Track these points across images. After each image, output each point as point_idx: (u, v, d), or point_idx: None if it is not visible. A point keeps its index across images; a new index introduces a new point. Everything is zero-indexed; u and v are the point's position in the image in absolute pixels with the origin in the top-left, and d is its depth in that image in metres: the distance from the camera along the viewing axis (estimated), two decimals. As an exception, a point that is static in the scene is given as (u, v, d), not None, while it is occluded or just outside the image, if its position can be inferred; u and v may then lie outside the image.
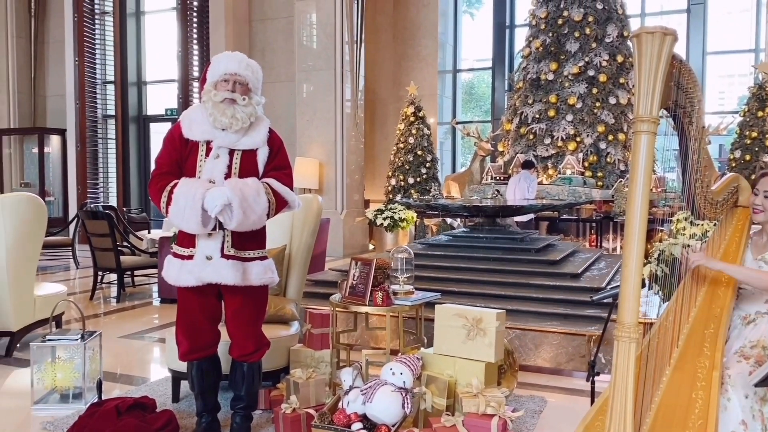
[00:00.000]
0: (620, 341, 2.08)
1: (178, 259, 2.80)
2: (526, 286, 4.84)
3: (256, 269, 2.80)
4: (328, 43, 10.27)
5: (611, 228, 8.69)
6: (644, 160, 2.09)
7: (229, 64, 2.75)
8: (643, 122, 2.07)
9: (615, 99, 9.95)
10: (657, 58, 2.05)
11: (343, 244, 10.10)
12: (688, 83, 2.21)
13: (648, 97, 2.07)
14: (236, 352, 2.89)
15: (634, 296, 2.08)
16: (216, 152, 2.72)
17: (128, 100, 12.50)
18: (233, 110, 2.69)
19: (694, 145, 2.29)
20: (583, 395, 3.66)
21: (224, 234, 2.72)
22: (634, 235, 2.09)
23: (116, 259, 6.37)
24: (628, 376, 2.08)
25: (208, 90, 2.75)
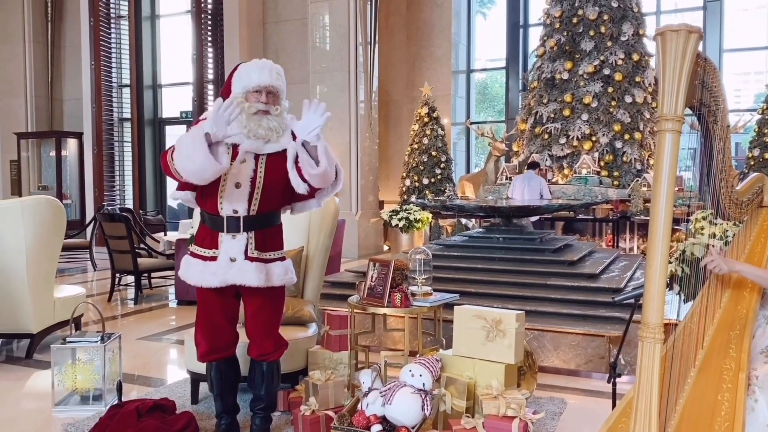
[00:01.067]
0: (645, 342, 2.06)
1: (198, 260, 2.81)
2: (544, 287, 4.81)
3: (278, 270, 2.82)
4: (341, 45, 10.29)
5: (628, 227, 8.61)
6: (669, 159, 2.05)
7: (262, 76, 2.73)
8: (668, 121, 2.03)
9: (631, 98, 9.87)
10: (682, 56, 2.02)
11: (357, 245, 10.11)
12: (712, 82, 2.18)
13: (672, 96, 2.04)
14: (255, 351, 2.90)
15: (659, 297, 2.05)
16: (242, 156, 2.74)
17: (144, 103, 12.60)
18: (268, 122, 2.71)
19: (719, 144, 2.26)
20: (603, 397, 3.63)
21: (248, 236, 2.75)
22: (659, 235, 2.05)
23: (134, 261, 6.41)
24: (653, 378, 2.05)
25: (239, 100, 2.70)
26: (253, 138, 2.70)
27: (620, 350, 2.88)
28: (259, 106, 2.70)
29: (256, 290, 2.78)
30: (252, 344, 2.90)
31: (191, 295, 6.31)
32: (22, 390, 3.84)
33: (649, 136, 10.01)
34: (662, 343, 2.06)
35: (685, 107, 2.10)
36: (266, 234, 2.80)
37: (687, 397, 2.18)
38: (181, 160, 2.59)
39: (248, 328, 2.90)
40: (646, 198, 8.74)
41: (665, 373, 2.17)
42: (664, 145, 2.05)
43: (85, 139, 12.40)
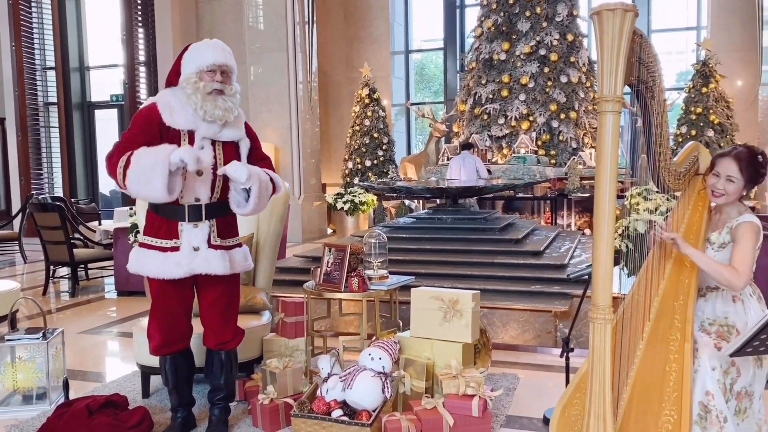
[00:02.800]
0: (596, 323, 2.10)
1: (155, 251, 2.70)
2: (491, 265, 4.90)
3: (238, 257, 2.81)
4: (278, 24, 10.09)
5: (565, 205, 8.86)
6: (610, 140, 2.05)
7: (216, 54, 2.67)
8: (608, 102, 2.03)
9: (566, 78, 10.10)
10: (619, 35, 2.00)
11: (301, 229, 10.03)
12: (648, 58, 2.19)
13: (612, 76, 2.03)
14: (213, 341, 2.84)
15: (606, 277, 2.07)
16: (200, 143, 2.66)
17: (71, 86, 12.02)
18: (224, 101, 2.66)
19: (656, 119, 2.29)
20: (554, 371, 3.75)
21: (210, 224, 2.70)
22: (604, 216, 2.06)
23: (69, 252, 6.15)
24: (605, 357, 2.11)
25: (192, 80, 2.64)
26: (209, 120, 2.65)
27: (573, 326, 2.98)
28: (215, 85, 2.64)
29: (215, 279, 2.74)
30: (209, 334, 2.84)
31: (132, 286, 6.12)
32: (-43, 392, 3.64)
33: (584, 116, 10.29)
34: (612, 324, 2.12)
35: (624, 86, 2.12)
36: (226, 221, 2.79)
37: (637, 369, 2.26)
38: (137, 181, 2.50)
39: (205, 318, 2.84)
40: (582, 176, 9.01)
41: (615, 346, 2.24)
42: (605, 126, 2.05)
43: (8, 124, 11.75)
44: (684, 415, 2.05)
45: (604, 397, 2.09)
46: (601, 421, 2.07)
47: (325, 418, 2.77)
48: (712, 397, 2.11)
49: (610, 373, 2.11)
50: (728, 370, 2.15)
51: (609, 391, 2.09)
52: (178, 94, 2.69)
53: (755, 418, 2.22)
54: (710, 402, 2.10)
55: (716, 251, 2.29)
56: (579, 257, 5.39)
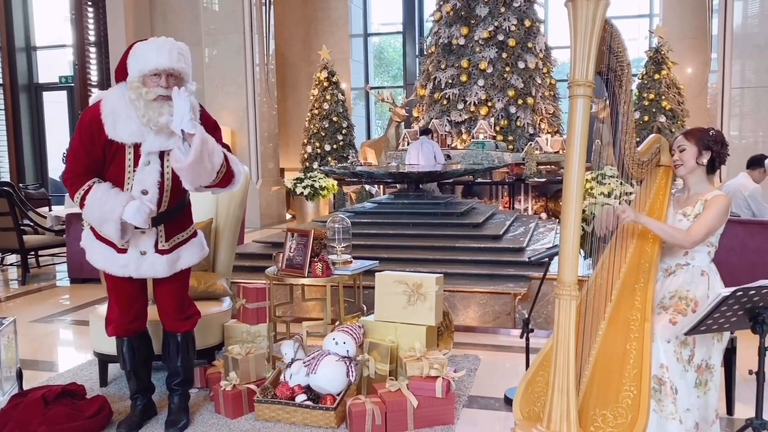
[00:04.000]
0: (561, 299, 2.16)
1: (104, 244, 2.63)
2: (452, 249, 4.95)
3: (188, 252, 2.73)
4: (234, 5, 9.88)
5: (523, 189, 8.99)
6: (581, 124, 2.12)
7: (160, 57, 2.43)
8: (579, 86, 2.10)
9: (524, 63, 10.20)
10: (592, 22, 2.08)
11: (260, 214, 9.92)
12: (618, 47, 2.28)
13: (584, 62, 2.10)
14: (169, 323, 2.79)
15: (573, 256, 2.16)
16: (146, 159, 2.52)
17: (17, 67, 11.54)
18: (169, 109, 2.43)
19: (623, 107, 2.37)
20: (513, 351, 3.82)
21: (157, 230, 2.63)
22: (572, 198, 2.13)
23: (19, 238, 5.95)
24: (570, 332, 2.17)
25: (135, 85, 2.45)
26: (153, 128, 2.45)
27: (533, 307, 3.03)
28: (159, 91, 2.43)
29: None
30: (164, 317, 2.80)
31: (86, 273, 5.96)
32: None
33: (540, 102, 10.42)
34: (577, 300, 2.18)
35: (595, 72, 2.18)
36: (175, 221, 2.70)
37: (599, 347, 2.32)
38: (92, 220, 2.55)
39: (159, 304, 2.80)
40: (539, 161, 9.15)
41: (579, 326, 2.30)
42: (576, 110, 2.12)
43: (-50, 106, 11.25)
44: (643, 391, 2.12)
45: (568, 372, 2.14)
46: (565, 394, 2.12)
47: (289, 403, 2.76)
48: (666, 369, 2.18)
49: (574, 348, 2.16)
50: (686, 341, 2.23)
51: (573, 366, 2.15)
52: (125, 96, 2.50)
53: (717, 390, 2.31)
54: (664, 374, 2.17)
55: (691, 222, 2.39)
56: (536, 240, 5.48)
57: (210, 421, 2.84)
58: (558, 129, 10.70)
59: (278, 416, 2.77)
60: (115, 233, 2.49)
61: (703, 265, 2.41)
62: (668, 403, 2.15)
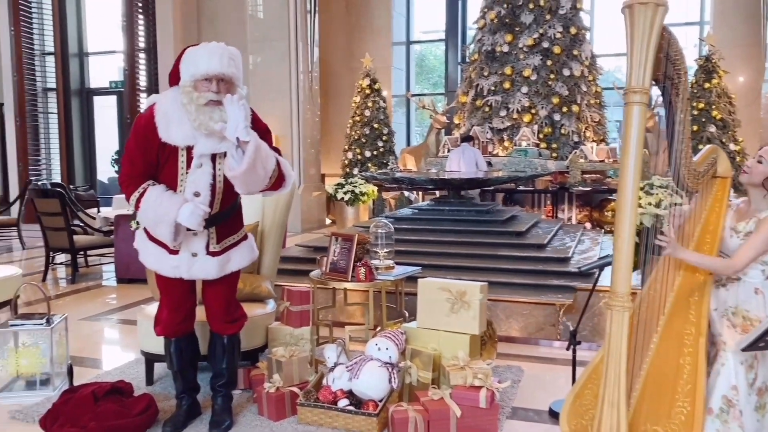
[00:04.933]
0: (614, 310, 2.13)
1: (157, 246, 2.68)
2: (494, 258, 4.90)
3: (238, 254, 2.76)
4: (281, 13, 10.01)
5: (566, 198, 8.86)
6: (636, 131, 2.09)
7: (211, 63, 2.46)
8: (635, 93, 2.08)
9: (569, 71, 10.07)
10: (649, 28, 2.06)
11: (300, 219, 10.00)
12: (676, 55, 2.22)
13: (640, 68, 2.08)
14: (216, 324, 2.83)
15: (626, 267, 2.12)
16: (198, 161, 2.55)
17: (70, 72, 11.91)
18: (221, 113, 2.45)
19: (680, 116, 2.31)
20: (558, 363, 3.74)
21: (209, 232, 2.66)
22: (627, 207, 2.11)
23: (69, 238, 6.12)
24: (622, 344, 2.13)
25: (187, 90, 2.49)
26: (204, 132, 2.49)
27: (581, 319, 2.96)
28: (209, 96, 2.46)
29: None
30: (212, 318, 2.83)
31: (132, 274, 6.09)
32: (-42, 377, 3.61)
33: (586, 109, 10.26)
34: (629, 311, 2.13)
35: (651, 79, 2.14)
36: (226, 225, 2.74)
37: (651, 361, 2.26)
38: (146, 223, 2.61)
39: (207, 305, 2.83)
40: (583, 170, 9.00)
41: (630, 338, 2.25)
42: (631, 116, 2.09)
43: (6, 110, 11.64)
44: (697, 408, 2.06)
45: (619, 384, 2.10)
46: (615, 408, 2.08)
47: (331, 407, 2.76)
48: (737, 391, 2.12)
49: (625, 361, 2.12)
50: (752, 364, 2.16)
51: (624, 379, 2.10)
52: (178, 100, 2.54)
53: None
54: (735, 396, 2.10)
55: (741, 240, 2.30)
56: (581, 251, 5.39)
57: (253, 422, 2.86)
58: (603, 137, 10.52)
59: (320, 420, 2.78)
60: (169, 235, 2.54)
61: (756, 281, 2.30)
62: (735, 426, 2.08)
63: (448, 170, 8.75)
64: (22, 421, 2.91)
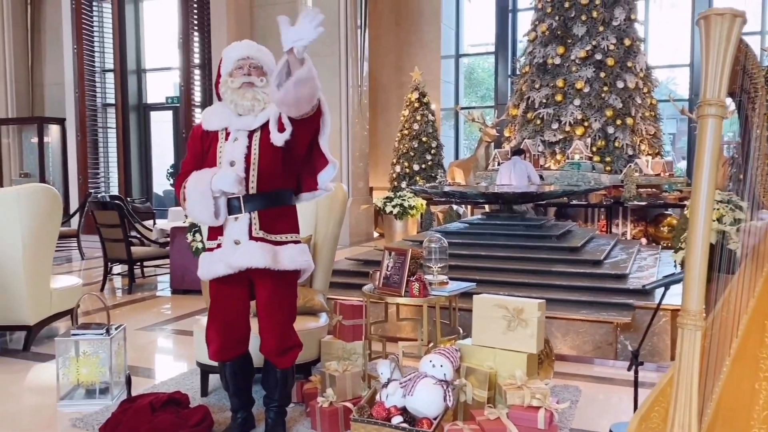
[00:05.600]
0: (686, 329, 2.05)
1: (208, 252, 2.73)
2: (549, 274, 4.79)
3: (288, 252, 2.67)
4: (331, 29, 10.12)
5: (621, 213, 8.64)
6: (711, 145, 2.00)
7: (240, 49, 2.75)
8: (711, 105, 2.00)
9: (623, 83, 9.86)
10: (726, 40, 1.98)
11: (349, 232, 10.03)
12: (753, 68, 2.14)
13: (716, 81, 2.00)
14: (265, 349, 2.77)
15: (700, 283, 2.04)
16: (234, 135, 2.69)
17: (128, 88, 12.32)
18: (253, 92, 2.68)
19: (756, 132, 2.22)
20: (616, 384, 3.62)
21: (251, 216, 2.64)
22: (699, 223, 2.04)
23: (127, 249, 6.28)
24: (693, 365, 2.04)
25: (225, 80, 2.74)
26: (239, 112, 2.68)
27: (644, 338, 2.85)
28: (243, 79, 2.69)
29: (266, 277, 2.64)
30: (263, 341, 2.76)
31: (187, 284, 6.21)
32: (23, 384, 3.73)
33: (640, 122, 10.02)
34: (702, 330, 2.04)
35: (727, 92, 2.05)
36: (272, 214, 2.67)
37: (723, 385, 2.15)
38: (191, 213, 2.70)
39: (259, 323, 2.76)
40: (639, 184, 8.76)
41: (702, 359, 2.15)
42: (705, 130, 2.00)
43: (68, 125, 12.11)
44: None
45: (691, 407, 2.00)
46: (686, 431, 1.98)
47: (385, 423, 2.72)
48: None
49: (697, 382, 2.03)
50: None
51: (696, 401, 2.01)
52: (220, 103, 2.79)
53: None
54: None
55: None
56: (639, 267, 5.23)
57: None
58: (659, 150, 10.23)
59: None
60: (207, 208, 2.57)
61: None
62: None
63: (499, 183, 8.65)
64: (82, 429, 2.97)
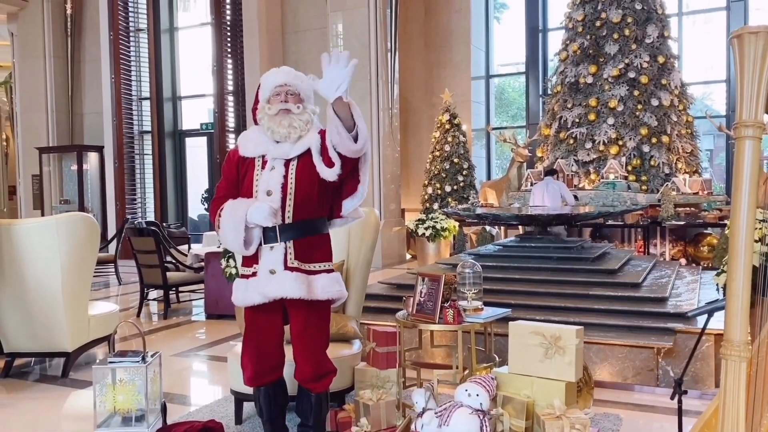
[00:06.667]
0: (729, 360, 1.96)
1: (243, 279, 2.74)
2: (585, 297, 4.69)
3: (322, 282, 2.68)
4: (362, 53, 10.23)
5: (659, 233, 8.45)
6: (749, 167, 1.94)
7: (277, 76, 2.75)
8: (747, 127, 1.94)
9: (657, 101, 9.71)
10: (762, 59, 1.92)
11: (381, 254, 10.01)
12: None
13: (752, 101, 1.95)
14: (300, 376, 2.77)
15: (743, 312, 1.96)
16: (271, 164, 2.68)
17: (164, 115, 12.62)
18: (290, 119, 2.67)
19: None
20: (658, 412, 3.51)
21: (286, 246, 2.64)
22: (740, 248, 1.96)
23: (163, 275, 6.36)
24: (739, 397, 1.95)
25: (262, 107, 2.74)
26: (276, 138, 2.68)
27: (687, 366, 2.76)
28: (280, 105, 2.68)
29: (300, 306, 2.66)
30: (297, 368, 2.77)
31: (221, 309, 6.25)
32: (60, 410, 3.78)
33: (676, 140, 9.83)
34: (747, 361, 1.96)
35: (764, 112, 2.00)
36: (307, 243, 2.68)
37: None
38: (224, 241, 2.70)
39: (293, 349, 2.77)
40: (676, 203, 8.58)
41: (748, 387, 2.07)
42: (743, 152, 1.95)
43: (106, 152, 12.44)
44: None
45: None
46: (735, 467, 1.89)
47: (420, 455, 2.68)
48: None
49: (744, 415, 1.94)
50: None
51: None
52: (258, 128, 2.79)
53: None
54: None
55: None
56: (679, 290, 5.08)
57: (340, 467, 2.81)
58: (697, 168, 10.02)
59: (409, 468, 2.69)
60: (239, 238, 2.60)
61: None
62: None
63: (532, 205, 8.56)
64: (118, 457, 2.99)
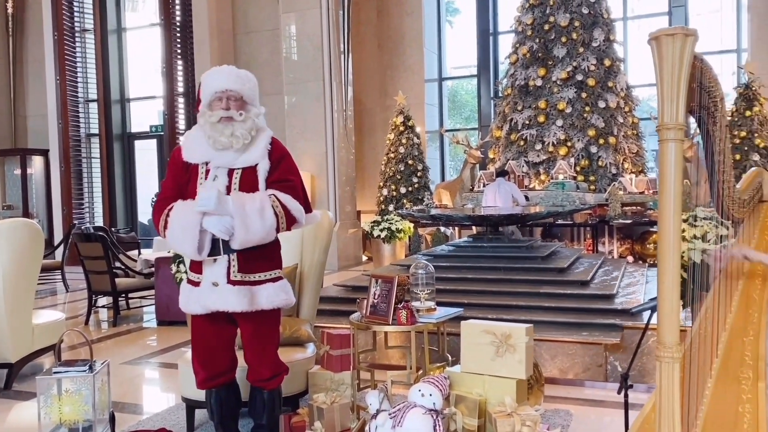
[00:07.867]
0: (663, 362, 1.97)
1: (189, 285, 2.72)
2: (536, 295, 4.79)
3: (266, 292, 2.65)
4: (315, 55, 10.21)
5: (607, 231, 8.69)
6: (674, 169, 1.94)
7: (219, 80, 2.62)
8: (669, 130, 1.92)
9: (604, 103, 9.98)
10: (679, 61, 1.91)
11: (337, 257, 10.01)
12: (710, 83, 2.09)
13: (672, 103, 1.93)
14: (252, 377, 2.79)
15: (672, 312, 1.96)
16: (214, 173, 2.62)
17: (112, 117, 12.32)
18: (232, 128, 2.57)
19: (719, 145, 2.20)
20: (608, 406, 3.61)
21: (229, 258, 2.59)
22: (669, 250, 1.94)
23: (112, 282, 6.21)
24: (674, 398, 1.98)
25: (203, 112, 2.65)
26: (218, 148, 2.60)
27: (633, 361, 2.85)
28: (220, 113, 2.58)
29: (246, 315, 2.64)
30: (249, 370, 2.79)
31: (173, 316, 6.14)
32: (4, 424, 3.65)
33: (623, 141, 10.13)
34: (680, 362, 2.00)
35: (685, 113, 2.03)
36: (251, 255, 2.62)
37: (707, 409, 2.13)
38: (173, 241, 2.62)
39: (245, 353, 2.78)
40: (623, 202, 8.84)
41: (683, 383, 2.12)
42: (667, 155, 1.94)
43: (52, 156, 12.06)
44: (761, 461, 1.93)
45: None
46: (673, 461, 1.95)
47: (374, 456, 2.69)
48: None
49: (679, 416, 1.99)
50: None
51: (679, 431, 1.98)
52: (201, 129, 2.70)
53: None
54: None
55: None
56: (627, 287, 5.24)
57: (294, 471, 2.80)
58: (642, 168, 10.34)
59: (363, 470, 2.70)
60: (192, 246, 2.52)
61: None
62: None
63: (484, 205, 8.70)
64: (65, 470, 2.91)
